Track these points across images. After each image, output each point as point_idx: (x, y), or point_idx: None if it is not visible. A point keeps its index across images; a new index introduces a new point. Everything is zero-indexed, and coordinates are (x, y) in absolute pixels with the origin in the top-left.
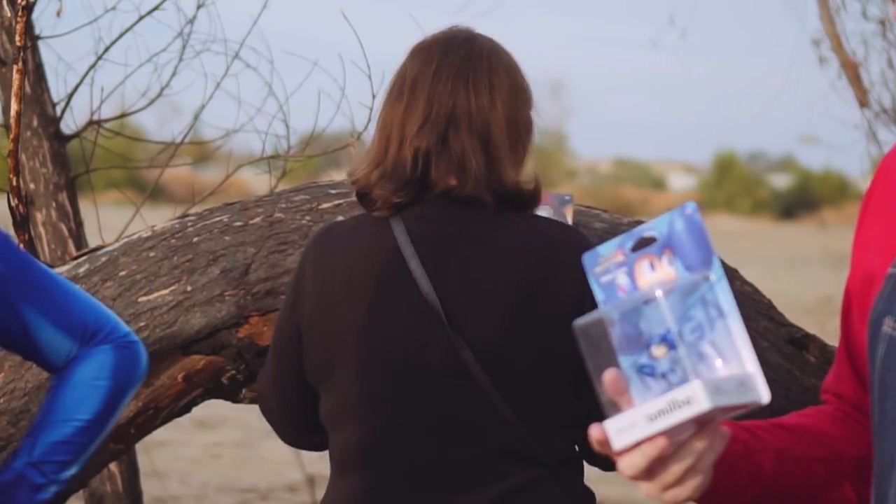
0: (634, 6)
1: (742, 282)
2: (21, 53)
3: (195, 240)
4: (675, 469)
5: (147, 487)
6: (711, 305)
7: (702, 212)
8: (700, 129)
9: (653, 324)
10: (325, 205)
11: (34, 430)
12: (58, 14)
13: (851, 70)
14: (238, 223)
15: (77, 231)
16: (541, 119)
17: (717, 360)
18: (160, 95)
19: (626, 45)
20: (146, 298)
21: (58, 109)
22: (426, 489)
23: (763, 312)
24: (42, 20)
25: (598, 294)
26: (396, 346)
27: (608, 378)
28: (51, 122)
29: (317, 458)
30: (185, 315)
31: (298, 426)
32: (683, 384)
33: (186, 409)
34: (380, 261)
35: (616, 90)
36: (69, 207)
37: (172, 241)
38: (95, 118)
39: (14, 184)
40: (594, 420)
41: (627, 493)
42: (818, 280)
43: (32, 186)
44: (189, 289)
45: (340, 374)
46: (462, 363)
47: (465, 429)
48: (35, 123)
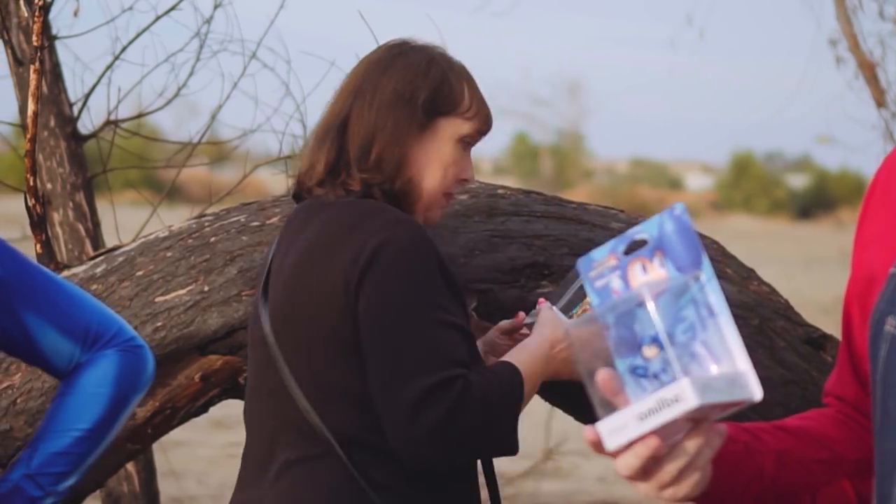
0: (651, 6)
1: (759, 282)
2: (38, 53)
3: (212, 240)
4: (671, 468)
5: (164, 487)
6: (702, 305)
7: (719, 211)
8: (717, 129)
9: (645, 325)
10: None
11: (34, 441)
12: (75, 14)
13: (868, 70)
14: (255, 223)
15: (94, 231)
16: (559, 119)
17: (709, 359)
18: (177, 95)
19: (644, 45)
20: (163, 298)
21: (75, 109)
22: (260, 452)
23: (780, 312)
24: (59, 20)
25: (594, 298)
26: (252, 318)
27: (602, 378)
28: (68, 122)
29: None
30: (203, 315)
31: None
32: (672, 383)
33: (203, 409)
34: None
35: (633, 90)
36: (86, 207)
37: (189, 241)
38: (112, 118)
39: (31, 184)
40: (378, 404)
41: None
42: (835, 280)
43: (49, 186)
44: (206, 289)
45: None
46: (265, 334)
47: (273, 397)
48: (52, 123)
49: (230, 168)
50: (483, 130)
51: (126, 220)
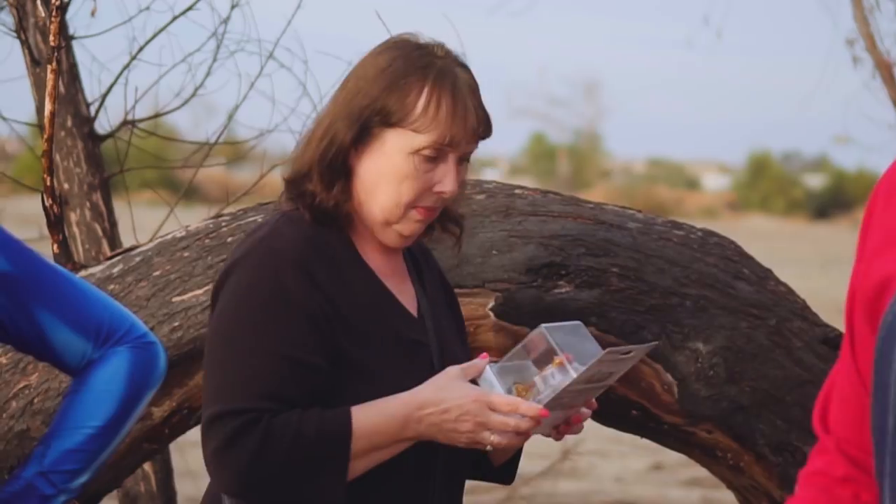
0: (668, 6)
1: (776, 282)
2: (55, 53)
3: (229, 240)
4: None
5: (181, 487)
6: None
7: (736, 211)
8: (734, 129)
9: None
10: None
11: (46, 438)
12: (92, 14)
13: (885, 70)
14: None
15: (111, 231)
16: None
17: None
18: (194, 95)
19: (661, 45)
20: (180, 298)
21: (92, 109)
22: None
23: (797, 312)
24: (76, 20)
25: None
26: None
27: None
28: (85, 122)
29: None
30: None
31: None
32: None
33: None
34: None
35: (650, 90)
36: (103, 207)
37: (206, 241)
38: (129, 118)
39: (48, 184)
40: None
41: (661, 493)
42: None
43: (66, 186)
44: None
45: None
46: None
47: None
48: (69, 123)
49: (247, 168)
50: (443, 144)
51: (143, 220)
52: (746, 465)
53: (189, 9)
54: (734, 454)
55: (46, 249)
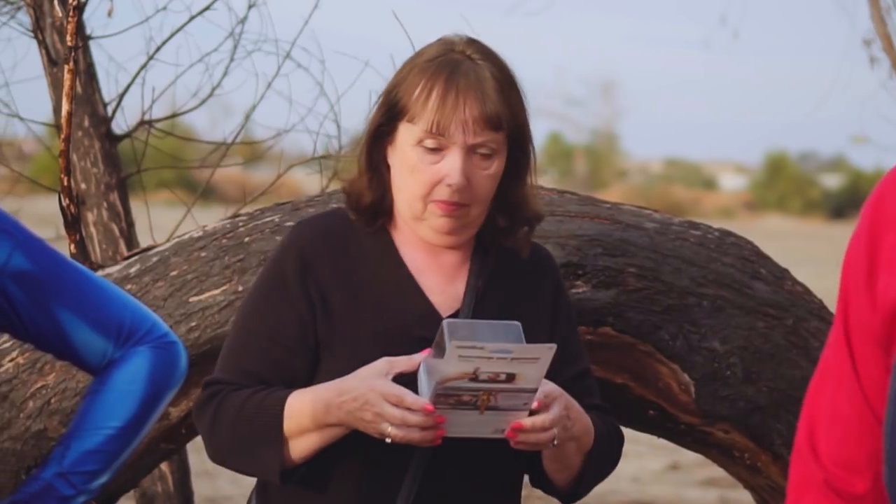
0: (685, 6)
1: (793, 282)
2: (72, 53)
3: (246, 240)
4: None
5: (198, 487)
6: None
7: (753, 211)
8: (751, 129)
9: None
10: None
11: (66, 439)
12: (109, 14)
13: None
14: (289, 223)
15: (128, 231)
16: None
17: None
18: (211, 95)
19: (678, 45)
20: (197, 298)
21: (109, 109)
22: None
23: (814, 312)
24: (93, 20)
25: None
26: None
27: None
28: (102, 122)
29: None
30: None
31: None
32: None
33: None
34: None
35: (667, 90)
36: (120, 207)
37: (224, 241)
38: (146, 118)
39: (65, 184)
40: None
41: (678, 493)
42: None
43: (84, 186)
44: (240, 289)
45: None
46: None
47: None
48: (86, 123)
49: (264, 168)
50: (431, 132)
51: (160, 220)
52: (763, 465)
53: (206, 9)
54: (751, 454)
55: (63, 249)
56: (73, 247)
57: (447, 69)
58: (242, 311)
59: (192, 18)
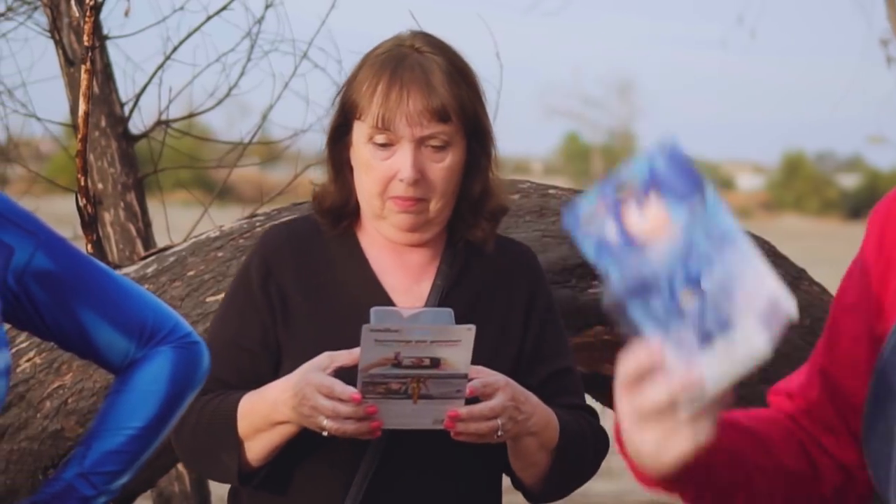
0: (702, 6)
1: (810, 282)
2: (89, 53)
3: None
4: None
5: (214, 488)
6: (715, 234)
7: (770, 211)
8: (768, 130)
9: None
10: None
11: (87, 439)
12: (126, 14)
13: None
14: None
15: (145, 231)
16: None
17: (737, 294)
18: (228, 95)
19: (695, 45)
20: (214, 298)
21: (126, 109)
22: None
23: None
24: (110, 20)
25: (591, 253)
26: None
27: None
28: (119, 122)
29: None
30: None
31: None
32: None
33: None
34: None
35: (684, 90)
36: (137, 207)
37: (241, 241)
38: (163, 118)
39: (82, 184)
40: None
41: None
42: None
43: (101, 186)
44: None
45: None
46: None
47: None
48: (103, 123)
49: (281, 168)
50: (377, 127)
51: (177, 220)
52: None
53: (223, 9)
54: None
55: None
56: (90, 247)
57: (393, 63)
58: (214, 318)
59: (209, 18)
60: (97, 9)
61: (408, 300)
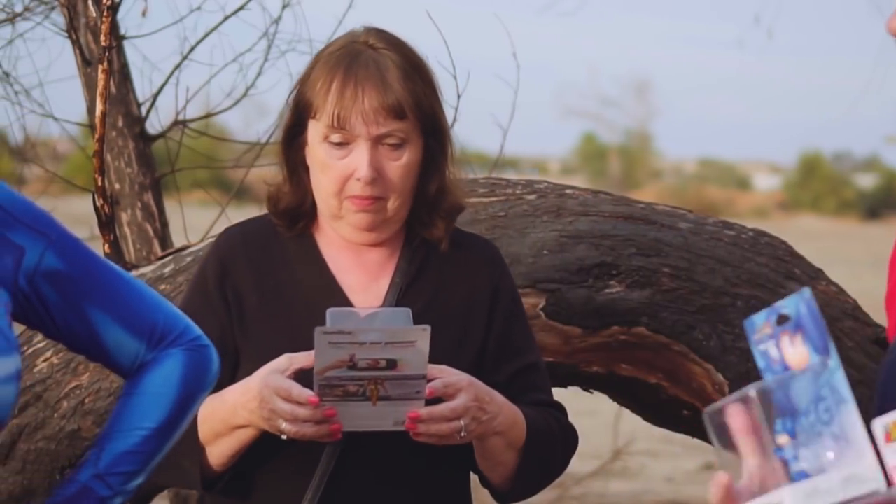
0: (719, 6)
1: (827, 282)
2: (106, 53)
3: None
4: None
5: None
6: (833, 392)
7: (787, 211)
8: (785, 129)
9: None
10: None
11: (101, 441)
12: (143, 14)
13: None
14: None
15: (162, 231)
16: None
17: (830, 453)
18: (245, 95)
19: (712, 45)
20: None
21: (143, 109)
22: None
23: (848, 312)
24: (127, 20)
25: (759, 361)
26: None
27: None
28: (136, 122)
29: None
30: None
31: None
32: (777, 489)
33: None
34: None
35: (701, 90)
36: (154, 207)
37: None
38: (180, 118)
39: (99, 184)
40: None
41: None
42: None
43: (118, 186)
44: None
45: None
46: None
47: None
48: (120, 123)
49: None
50: (333, 126)
51: (194, 220)
52: None
53: (240, 9)
54: None
55: (97, 249)
56: (108, 247)
57: (346, 60)
58: None
59: (226, 18)
60: (114, 9)
61: (366, 299)
